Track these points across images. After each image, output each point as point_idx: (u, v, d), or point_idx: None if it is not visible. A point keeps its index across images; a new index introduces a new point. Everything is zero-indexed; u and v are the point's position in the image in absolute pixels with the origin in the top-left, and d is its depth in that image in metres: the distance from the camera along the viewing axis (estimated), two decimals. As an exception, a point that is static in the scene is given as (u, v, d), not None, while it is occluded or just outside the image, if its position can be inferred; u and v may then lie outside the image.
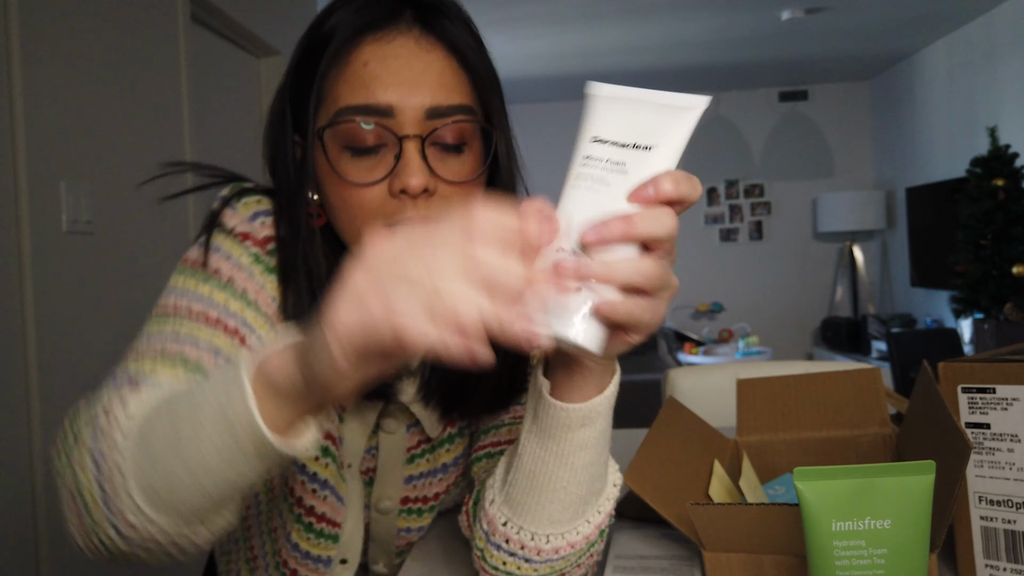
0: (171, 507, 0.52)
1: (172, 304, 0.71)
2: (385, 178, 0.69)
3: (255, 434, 0.48)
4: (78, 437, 0.56)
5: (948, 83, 4.94)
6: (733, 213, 6.34)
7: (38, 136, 1.78)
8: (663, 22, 4.45)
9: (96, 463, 0.53)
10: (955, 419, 0.61)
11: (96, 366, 1.97)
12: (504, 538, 0.64)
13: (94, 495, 0.53)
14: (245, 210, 0.76)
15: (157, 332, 0.69)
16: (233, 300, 0.72)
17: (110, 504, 0.53)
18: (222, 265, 0.73)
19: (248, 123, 3.09)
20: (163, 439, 0.51)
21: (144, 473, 0.52)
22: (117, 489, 0.52)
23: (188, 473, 0.50)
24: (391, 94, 0.68)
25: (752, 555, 0.64)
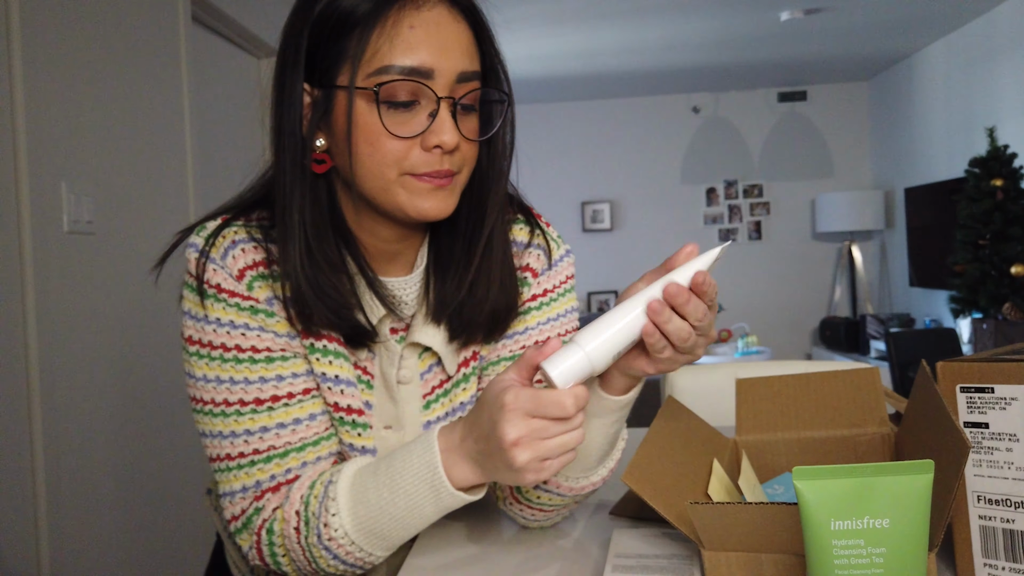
0: (396, 547, 0.80)
1: (220, 398, 0.79)
2: (421, 133, 0.77)
3: (464, 502, 0.76)
4: (309, 555, 0.78)
5: (947, 83, 4.95)
6: (732, 213, 6.34)
7: (39, 136, 1.78)
8: (663, 22, 4.45)
9: (344, 562, 0.78)
10: (954, 419, 0.61)
11: (96, 366, 1.97)
12: (554, 484, 0.84)
13: (347, 571, 0.80)
14: (216, 251, 0.80)
15: (230, 432, 0.80)
16: (254, 367, 0.80)
17: (364, 567, 0.80)
18: (225, 339, 0.79)
19: (248, 123, 3.09)
20: (390, 527, 0.76)
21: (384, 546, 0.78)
22: (368, 561, 0.79)
23: (416, 529, 0.78)
24: (432, 58, 0.75)
25: (751, 554, 0.64)
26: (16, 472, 1.69)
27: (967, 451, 0.57)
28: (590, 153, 6.34)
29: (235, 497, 0.81)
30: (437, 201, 0.79)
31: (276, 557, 0.80)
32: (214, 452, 0.81)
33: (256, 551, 0.80)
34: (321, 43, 0.78)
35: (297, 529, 0.77)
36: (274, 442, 0.79)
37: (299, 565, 0.79)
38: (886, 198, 5.87)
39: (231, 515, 0.81)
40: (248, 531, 0.80)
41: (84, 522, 1.89)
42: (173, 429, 2.31)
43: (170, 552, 2.26)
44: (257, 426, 0.79)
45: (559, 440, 0.68)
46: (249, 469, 0.79)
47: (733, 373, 1.71)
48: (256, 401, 0.79)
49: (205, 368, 0.79)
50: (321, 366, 0.82)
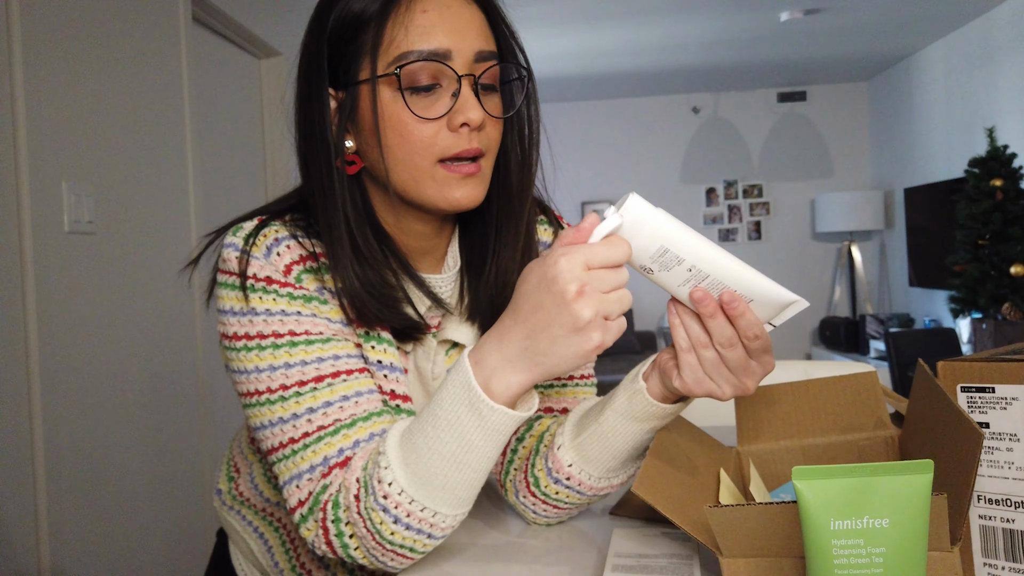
0: (471, 497, 0.74)
1: (276, 384, 0.77)
2: (446, 114, 0.77)
3: (516, 421, 0.70)
4: (368, 523, 0.72)
5: (946, 84, 4.95)
6: (732, 213, 6.34)
7: (40, 136, 1.78)
8: (663, 22, 4.46)
9: (405, 524, 0.72)
10: (961, 410, 0.61)
11: (97, 366, 1.97)
12: (567, 476, 0.82)
13: (415, 539, 0.73)
14: (257, 249, 0.79)
15: (291, 415, 0.77)
16: (310, 348, 0.78)
17: (432, 532, 0.73)
18: (274, 326, 0.77)
19: (249, 123, 3.09)
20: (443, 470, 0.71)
21: (445, 497, 0.72)
22: (433, 522, 0.72)
23: (474, 471, 0.72)
24: (449, 39, 0.76)
25: (771, 559, 0.62)
26: (16, 472, 1.69)
27: (981, 439, 0.56)
28: (590, 153, 6.34)
29: (302, 480, 0.76)
30: (468, 189, 0.79)
31: (343, 538, 0.74)
32: (275, 441, 0.77)
33: (323, 533, 0.74)
34: (340, 47, 0.79)
35: (357, 497, 0.72)
36: (339, 415, 0.76)
37: (365, 544, 0.74)
38: (886, 198, 5.87)
39: (297, 501, 0.76)
40: (313, 514, 0.75)
41: (84, 522, 1.89)
42: (173, 429, 2.31)
43: (170, 552, 2.26)
44: (320, 402, 0.76)
45: (618, 293, 0.66)
46: (316, 446, 0.75)
47: (733, 373, 1.71)
48: (316, 379, 0.76)
49: (256, 360, 0.77)
50: (376, 353, 0.82)
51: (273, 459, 0.78)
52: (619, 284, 0.66)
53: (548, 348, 0.66)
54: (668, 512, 0.67)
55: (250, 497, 0.96)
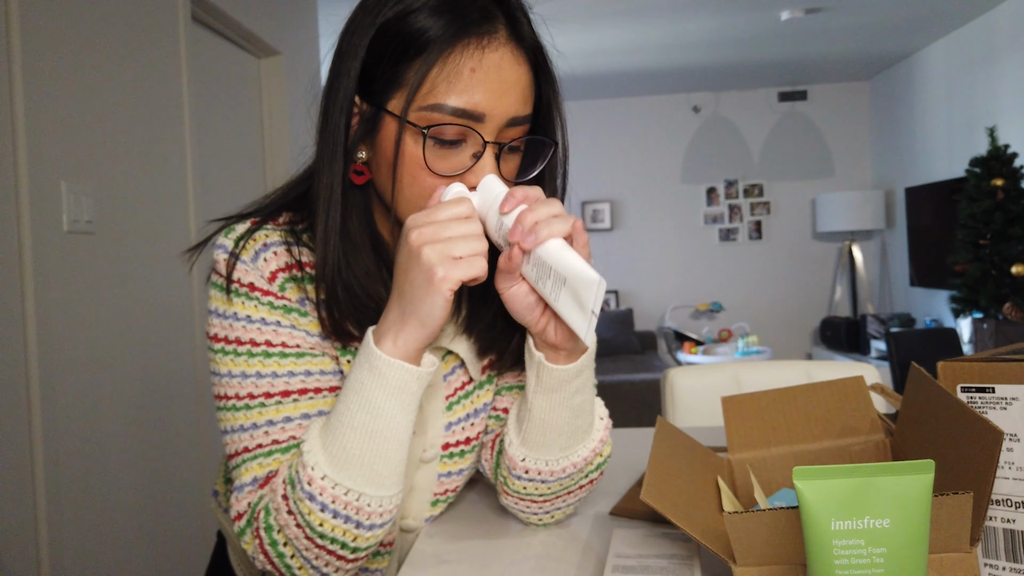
0: (392, 476, 0.73)
1: (244, 392, 0.78)
2: (463, 173, 0.78)
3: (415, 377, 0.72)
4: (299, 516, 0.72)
5: (947, 83, 4.95)
6: (732, 213, 6.34)
7: (39, 136, 1.78)
8: (663, 22, 4.45)
9: (332, 511, 0.71)
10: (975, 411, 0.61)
11: (96, 366, 1.97)
12: (523, 470, 0.83)
13: (343, 529, 0.72)
14: (246, 253, 0.79)
15: (251, 424, 0.77)
16: (283, 361, 0.79)
17: (360, 520, 0.73)
18: (253, 334, 0.78)
19: (248, 123, 3.09)
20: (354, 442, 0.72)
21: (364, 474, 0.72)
22: (359, 506, 0.72)
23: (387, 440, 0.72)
24: (487, 102, 0.75)
25: (786, 567, 0.62)
26: (16, 472, 1.69)
27: (1000, 438, 0.56)
28: (590, 153, 6.34)
29: (244, 491, 0.76)
30: None
31: (277, 546, 0.74)
32: (234, 448, 0.78)
33: (258, 543, 0.75)
34: (380, 60, 0.77)
35: (285, 496, 0.73)
36: (296, 432, 0.77)
37: (297, 546, 0.73)
38: (886, 198, 5.87)
39: (235, 513, 0.76)
40: (250, 526, 0.75)
41: (84, 522, 1.89)
42: (173, 429, 2.31)
43: (170, 552, 2.26)
44: (280, 416, 0.77)
45: (463, 235, 0.70)
46: (264, 459, 0.76)
47: (733, 373, 1.71)
48: (282, 393, 0.77)
49: (231, 364, 0.78)
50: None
51: (231, 465, 0.79)
52: (466, 233, 0.71)
53: (411, 296, 0.71)
54: (678, 520, 0.66)
55: None
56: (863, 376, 0.88)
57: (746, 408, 0.89)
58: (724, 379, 1.69)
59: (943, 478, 0.62)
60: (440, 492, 0.92)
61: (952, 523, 0.57)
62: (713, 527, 0.69)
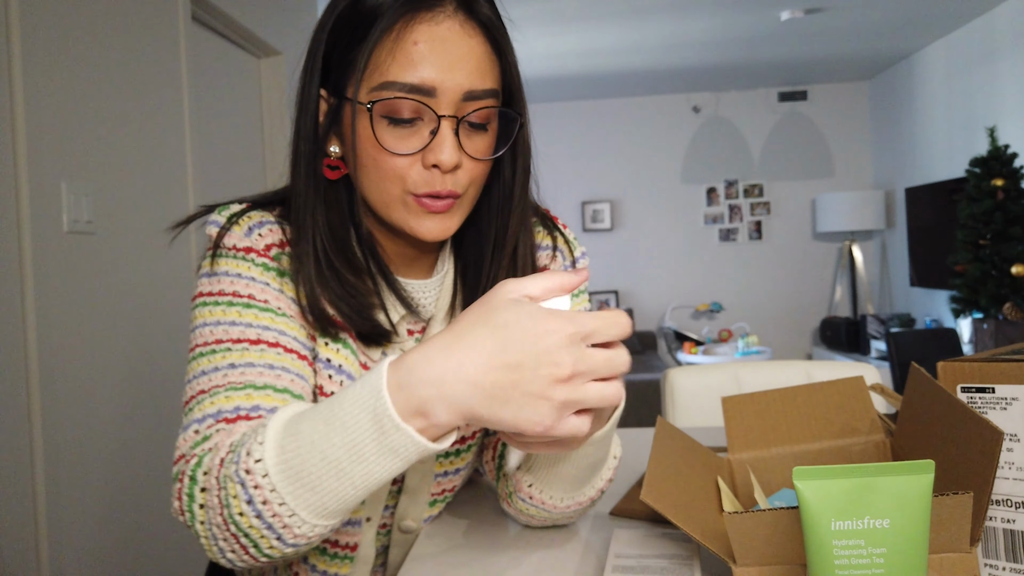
0: (339, 513, 0.63)
1: (212, 338, 0.75)
2: (420, 151, 0.75)
3: (420, 450, 0.58)
4: (222, 492, 0.63)
5: (947, 83, 4.95)
6: (732, 213, 6.34)
7: (39, 136, 1.78)
8: (663, 22, 4.45)
9: (257, 511, 0.61)
10: (975, 411, 0.61)
11: (96, 366, 1.97)
12: (528, 496, 0.82)
13: (262, 533, 0.62)
14: (239, 228, 0.80)
15: (212, 368, 0.74)
16: (261, 315, 0.77)
17: (283, 535, 0.62)
18: (237, 286, 0.77)
19: (248, 123, 3.09)
20: (320, 472, 0.60)
21: (310, 501, 0.61)
22: (288, 524, 0.62)
23: (355, 487, 0.61)
24: (436, 75, 0.73)
25: (786, 567, 0.62)
26: (16, 472, 1.69)
27: (1000, 438, 0.56)
28: (590, 153, 6.34)
29: (188, 431, 0.70)
30: (435, 223, 0.79)
31: (193, 504, 0.65)
32: (190, 393, 0.73)
33: (178, 488, 0.66)
34: (336, 49, 0.78)
35: (222, 462, 0.64)
36: (254, 378, 0.72)
37: (211, 518, 0.64)
38: (886, 198, 5.87)
39: (178, 454, 0.69)
40: (181, 466, 0.67)
41: (84, 522, 1.89)
42: (173, 428, 2.31)
43: (171, 552, 2.26)
44: (244, 360, 0.73)
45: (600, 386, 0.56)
46: (215, 397, 0.70)
47: (733, 373, 1.71)
48: (252, 341, 0.74)
49: (208, 314, 0.76)
50: (328, 351, 0.81)
51: (183, 413, 0.73)
52: (612, 372, 0.56)
53: (499, 408, 0.55)
54: (678, 520, 0.66)
55: None
56: (863, 376, 0.88)
57: (746, 408, 0.89)
58: (724, 379, 1.69)
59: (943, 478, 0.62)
60: (438, 492, 0.92)
61: (952, 523, 0.57)
62: (713, 527, 0.69)
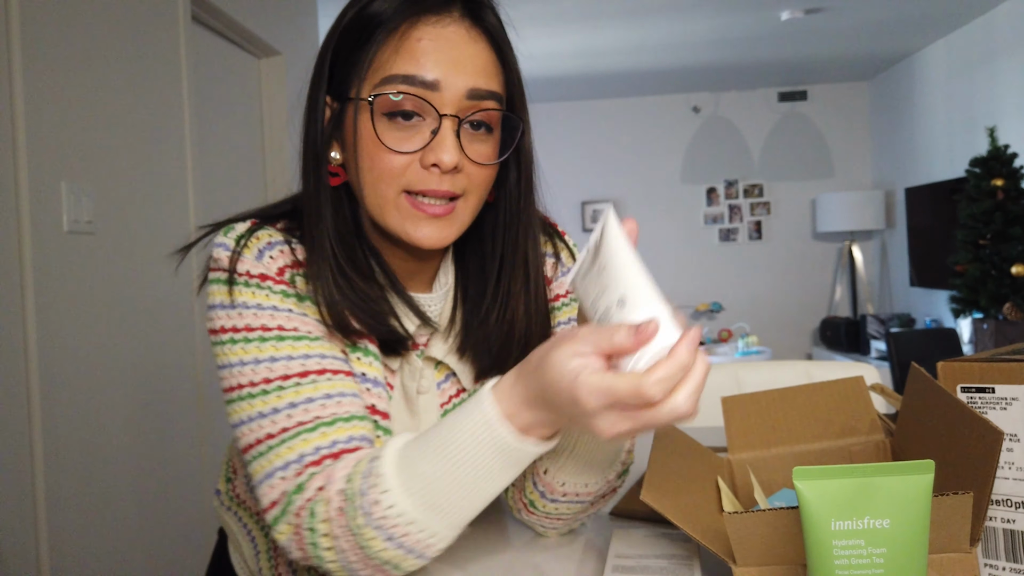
0: (470, 519, 0.71)
1: (258, 377, 0.75)
2: (420, 150, 0.75)
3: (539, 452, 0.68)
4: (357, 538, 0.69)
5: (947, 83, 4.95)
6: (732, 213, 6.34)
7: (39, 136, 1.78)
8: (663, 22, 4.45)
9: (398, 544, 0.68)
10: (975, 411, 0.61)
11: (96, 366, 1.97)
12: (561, 493, 0.83)
13: (404, 557, 0.70)
14: (249, 252, 0.78)
15: (270, 410, 0.74)
16: (297, 344, 0.76)
17: (424, 553, 0.70)
18: (262, 319, 0.76)
19: (248, 123, 3.09)
20: (455, 497, 0.68)
21: (447, 523, 0.69)
22: (429, 543, 0.69)
23: (485, 498, 0.70)
24: (439, 70, 0.73)
25: (786, 567, 0.62)
26: (16, 472, 1.69)
27: (1000, 438, 0.56)
28: (590, 153, 6.34)
29: (274, 478, 0.72)
30: (432, 230, 0.77)
31: (318, 548, 0.70)
32: (253, 437, 0.74)
33: (296, 539, 0.71)
34: (340, 55, 0.78)
35: (342, 511, 0.69)
36: (320, 412, 0.74)
37: (344, 555, 0.70)
38: (886, 198, 5.87)
39: (269, 502, 0.73)
40: (287, 517, 0.71)
41: (84, 522, 1.89)
42: (173, 428, 2.31)
43: (171, 551, 2.26)
44: (302, 397, 0.74)
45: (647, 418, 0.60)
46: (292, 442, 0.73)
47: (733, 373, 1.71)
48: (300, 374, 0.74)
49: (241, 352, 0.75)
50: (361, 366, 0.81)
51: (249, 456, 0.75)
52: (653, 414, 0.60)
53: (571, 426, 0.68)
54: (678, 520, 0.66)
55: (246, 499, 0.96)
56: (863, 376, 0.88)
57: (746, 408, 0.89)
58: (724, 379, 1.69)
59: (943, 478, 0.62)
60: None
61: (952, 523, 0.57)
62: (713, 527, 0.69)
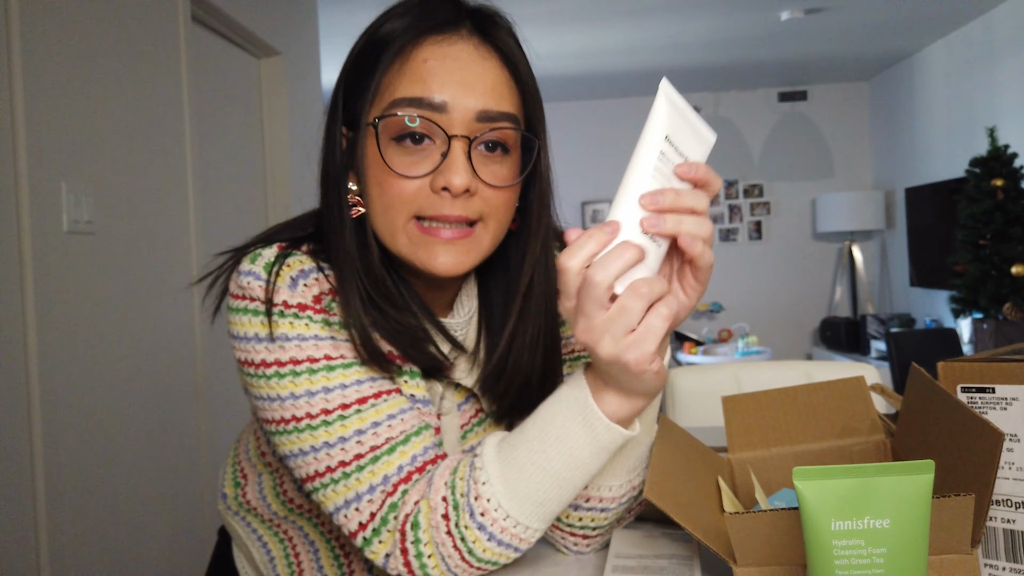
0: (557, 514, 0.73)
1: (316, 409, 0.74)
2: (429, 173, 0.73)
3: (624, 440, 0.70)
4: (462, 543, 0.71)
5: (947, 83, 4.95)
6: (732, 213, 6.34)
7: (39, 136, 1.78)
8: (663, 22, 4.45)
9: (498, 540, 0.71)
10: (976, 412, 0.61)
11: (96, 366, 1.97)
12: (585, 499, 0.79)
13: (502, 553, 0.72)
14: (282, 280, 0.75)
15: (337, 439, 0.74)
16: (346, 371, 0.75)
17: (519, 547, 0.72)
18: (307, 351, 0.74)
19: (248, 123, 3.09)
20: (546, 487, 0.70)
21: (539, 514, 0.71)
22: (524, 537, 0.72)
23: (574, 489, 0.72)
24: (446, 92, 0.72)
25: (787, 567, 0.62)
26: (16, 472, 1.69)
27: (1000, 440, 0.56)
28: (590, 153, 6.34)
29: (362, 502, 0.73)
30: (448, 256, 0.75)
31: (423, 558, 0.71)
32: (321, 466, 0.73)
33: (401, 553, 0.72)
34: (350, 82, 0.77)
35: (446, 516, 0.70)
36: (389, 434, 0.74)
37: (449, 563, 0.71)
38: (886, 198, 5.87)
39: (358, 524, 0.73)
40: (385, 533, 0.72)
41: (84, 522, 1.89)
42: (173, 429, 2.31)
43: (171, 552, 2.26)
44: (368, 423, 0.73)
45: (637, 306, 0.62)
46: (372, 467, 0.73)
47: (733, 373, 1.71)
48: (359, 401, 0.74)
49: (291, 386, 0.73)
50: (409, 388, 0.80)
51: (317, 485, 0.74)
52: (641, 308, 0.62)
53: (626, 383, 0.67)
54: (680, 519, 0.66)
55: (257, 507, 0.95)
56: (864, 376, 0.88)
57: (747, 408, 0.89)
58: (724, 379, 1.69)
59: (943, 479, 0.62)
60: None
61: (953, 525, 0.57)
62: (714, 527, 0.69)
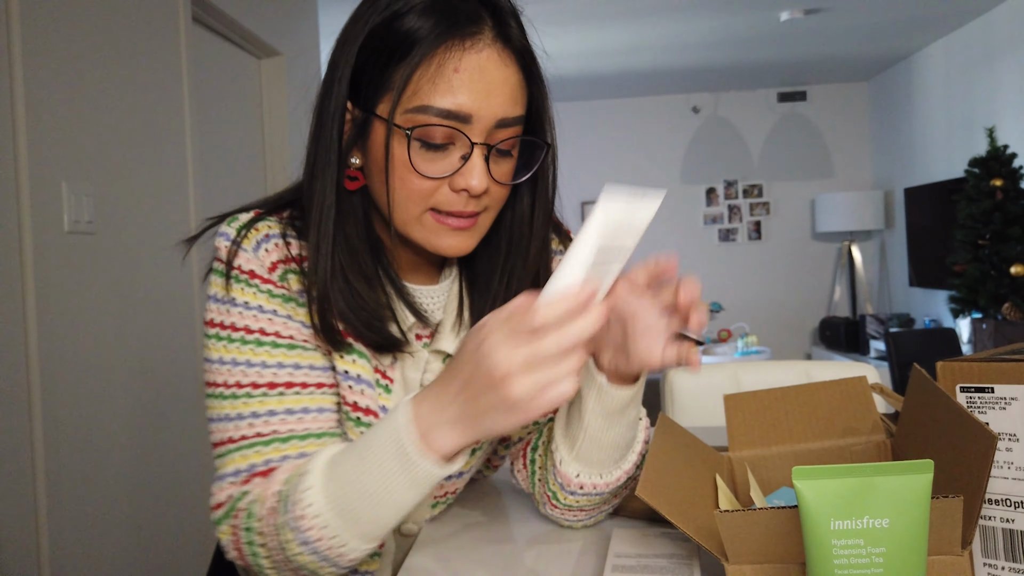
0: (383, 535, 0.73)
1: (232, 380, 0.79)
2: (451, 175, 0.77)
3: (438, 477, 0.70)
4: (279, 537, 0.72)
5: (946, 84, 4.95)
6: (732, 213, 6.34)
7: (39, 136, 1.78)
8: (663, 22, 4.45)
9: (313, 548, 0.71)
10: (970, 413, 0.61)
11: (97, 366, 1.97)
12: (578, 485, 0.84)
13: (319, 564, 0.73)
14: (248, 242, 0.80)
15: (236, 415, 0.78)
16: (274, 351, 0.79)
17: (337, 562, 0.73)
18: (247, 320, 0.79)
19: (249, 123, 3.09)
20: (362, 505, 0.70)
21: (357, 532, 0.71)
22: (341, 552, 0.72)
23: (395, 513, 0.72)
24: (473, 104, 0.75)
25: (778, 565, 0.62)
26: (16, 472, 1.69)
27: (994, 442, 0.56)
28: (590, 153, 6.34)
29: (225, 481, 0.78)
30: (456, 241, 0.80)
31: (254, 546, 0.75)
32: (218, 437, 0.79)
33: (233, 540, 0.76)
34: (369, 64, 0.78)
35: (273, 509, 0.73)
36: (278, 427, 0.78)
37: (273, 558, 0.74)
38: (886, 198, 5.87)
39: (216, 502, 0.78)
40: (228, 519, 0.76)
41: (84, 523, 1.89)
42: (174, 428, 2.31)
43: (171, 553, 2.26)
44: (265, 409, 0.78)
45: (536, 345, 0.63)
46: (247, 451, 0.77)
47: (733, 373, 1.71)
48: (269, 384, 0.78)
49: (223, 351, 0.79)
50: (344, 364, 0.82)
51: (215, 454, 0.80)
52: (567, 346, 0.63)
53: (482, 416, 0.66)
54: (673, 517, 0.66)
55: None
56: (866, 377, 0.88)
57: (748, 406, 0.89)
58: (724, 379, 1.69)
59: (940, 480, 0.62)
60: (440, 495, 0.92)
61: (943, 526, 0.57)
62: (708, 525, 0.70)
